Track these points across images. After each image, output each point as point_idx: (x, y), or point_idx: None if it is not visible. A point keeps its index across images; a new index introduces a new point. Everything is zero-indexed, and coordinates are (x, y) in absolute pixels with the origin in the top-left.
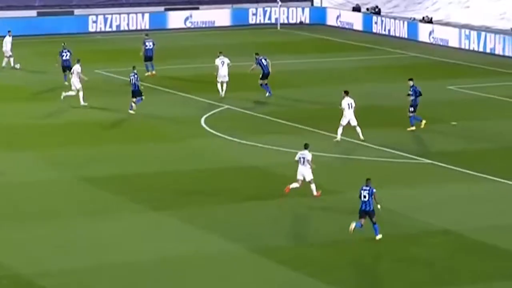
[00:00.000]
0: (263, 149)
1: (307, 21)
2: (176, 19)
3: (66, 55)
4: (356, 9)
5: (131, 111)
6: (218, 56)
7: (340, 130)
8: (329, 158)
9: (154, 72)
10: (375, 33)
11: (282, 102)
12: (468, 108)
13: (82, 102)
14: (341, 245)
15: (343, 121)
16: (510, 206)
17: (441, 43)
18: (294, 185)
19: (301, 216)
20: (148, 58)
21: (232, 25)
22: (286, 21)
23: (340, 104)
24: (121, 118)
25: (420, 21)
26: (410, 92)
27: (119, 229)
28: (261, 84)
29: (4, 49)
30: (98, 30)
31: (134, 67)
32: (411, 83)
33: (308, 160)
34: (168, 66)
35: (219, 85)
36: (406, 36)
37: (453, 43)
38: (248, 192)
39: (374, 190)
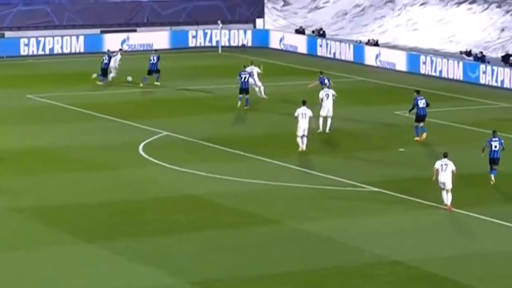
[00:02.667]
0: (203, 177)
1: (250, 44)
2: (112, 41)
3: None
4: (300, 31)
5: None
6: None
7: (320, 121)
8: (271, 186)
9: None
10: (320, 56)
11: (223, 128)
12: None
13: None
14: (281, 277)
15: (322, 112)
16: (458, 235)
17: (388, 67)
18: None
19: (240, 247)
20: (150, 71)
21: (171, 48)
22: (227, 44)
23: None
24: (53, 146)
25: (366, 44)
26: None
27: (52, 263)
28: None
29: None
30: (30, 53)
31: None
32: (415, 94)
33: None
34: (103, 91)
35: None
36: (352, 60)
37: (401, 66)
38: (188, 222)
39: (503, 141)
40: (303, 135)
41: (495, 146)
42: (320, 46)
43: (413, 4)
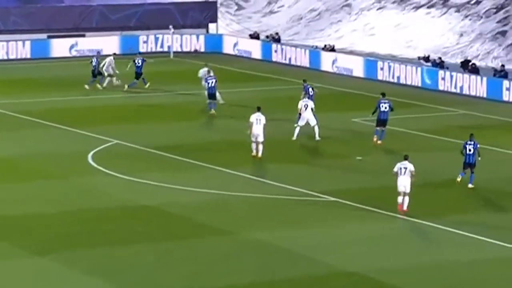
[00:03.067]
0: (155, 187)
1: (202, 50)
2: (60, 47)
3: None
4: (254, 36)
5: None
6: None
7: (296, 131)
8: (225, 196)
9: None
10: (275, 62)
11: (175, 135)
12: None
13: None
14: None
15: (300, 122)
16: (416, 245)
17: (345, 73)
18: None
19: (195, 259)
20: (137, 75)
21: (122, 54)
22: (179, 50)
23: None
24: (0, 155)
25: (323, 49)
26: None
27: (1, 278)
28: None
29: None
30: None
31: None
32: (380, 97)
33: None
34: (52, 98)
35: None
36: (308, 65)
37: (358, 72)
38: (142, 233)
39: (478, 145)
40: (257, 141)
41: (470, 150)
42: (275, 51)
43: (370, 9)
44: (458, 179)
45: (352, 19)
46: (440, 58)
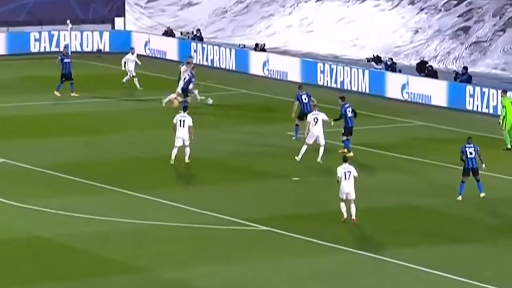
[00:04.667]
0: (52, 215)
1: (107, 49)
2: None
3: None
4: (170, 33)
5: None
6: None
7: (303, 149)
8: (137, 225)
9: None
10: (195, 64)
11: (74, 152)
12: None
13: None
14: None
15: (309, 140)
16: (365, 283)
17: (278, 77)
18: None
19: None
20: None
21: (8, 54)
22: (79, 49)
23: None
24: None
25: (253, 49)
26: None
27: None
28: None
29: None
30: None
31: None
32: (340, 101)
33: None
34: None
35: None
36: (234, 68)
37: (293, 76)
38: (38, 271)
39: (479, 149)
40: (184, 145)
41: (470, 153)
42: (195, 51)
43: (308, 0)
44: (459, 198)
45: (286, 13)
46: (391, 59)
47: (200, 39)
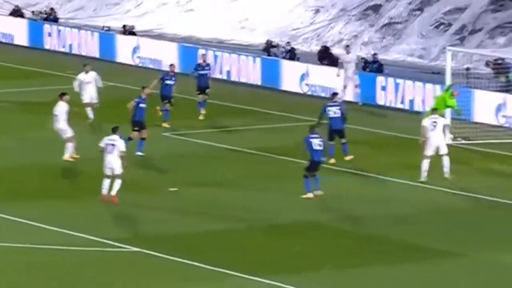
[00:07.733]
0: None
1: None
2: None
3: None
4: (18, 13)
5: None
6: None
7: (426, 164)
8: None
9: None
10: (49, 50)
11: None
12: (197, 164)
13: None
14: None
15: (427, 152)
16: None
17: (152, 65)
18: None
19: None
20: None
21: None
22: None
23: None
24: None
25: (120, 32)
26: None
27: None
28: None
29: None
30: None
31: None
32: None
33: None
34: None
35: None
36: (98, 55)
37: (166, 64)
38: None
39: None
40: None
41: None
42: (49, 35)
43: None
44: (310, 195)
45: None
46: (289, 43)
47: (54, 20)
